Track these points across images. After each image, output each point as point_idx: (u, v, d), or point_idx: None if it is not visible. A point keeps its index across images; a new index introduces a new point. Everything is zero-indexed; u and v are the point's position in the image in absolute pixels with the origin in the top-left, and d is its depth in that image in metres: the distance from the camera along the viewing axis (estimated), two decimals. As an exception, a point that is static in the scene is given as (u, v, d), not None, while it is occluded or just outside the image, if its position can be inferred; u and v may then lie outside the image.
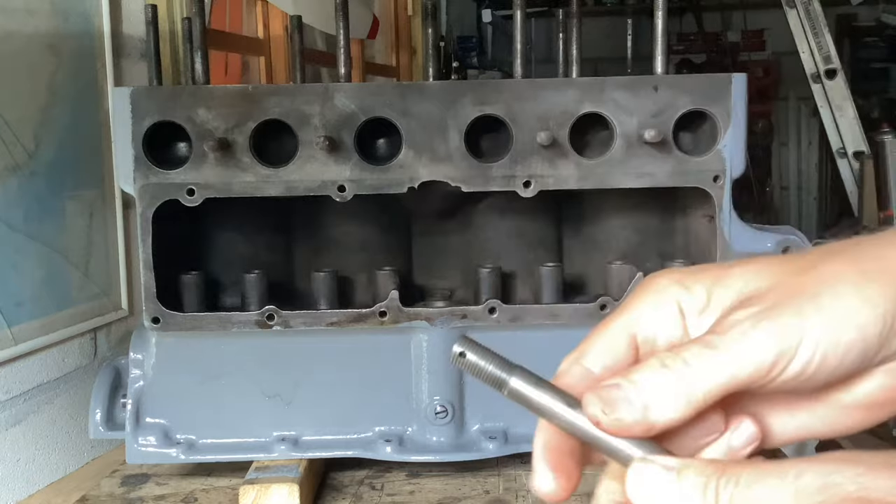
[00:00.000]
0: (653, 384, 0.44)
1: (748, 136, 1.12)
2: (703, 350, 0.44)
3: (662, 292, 0.48)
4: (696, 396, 0.43)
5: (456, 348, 0.47)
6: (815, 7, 3.15)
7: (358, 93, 1.10)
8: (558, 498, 0.47)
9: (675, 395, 0.44)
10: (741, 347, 0.43)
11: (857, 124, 3.24)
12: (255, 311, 1.14)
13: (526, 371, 0.46)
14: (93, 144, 1.42)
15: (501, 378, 0.46)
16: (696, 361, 0.44)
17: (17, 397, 1.23)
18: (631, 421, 0.44)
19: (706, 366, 0.44)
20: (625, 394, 0.44)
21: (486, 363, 0.46)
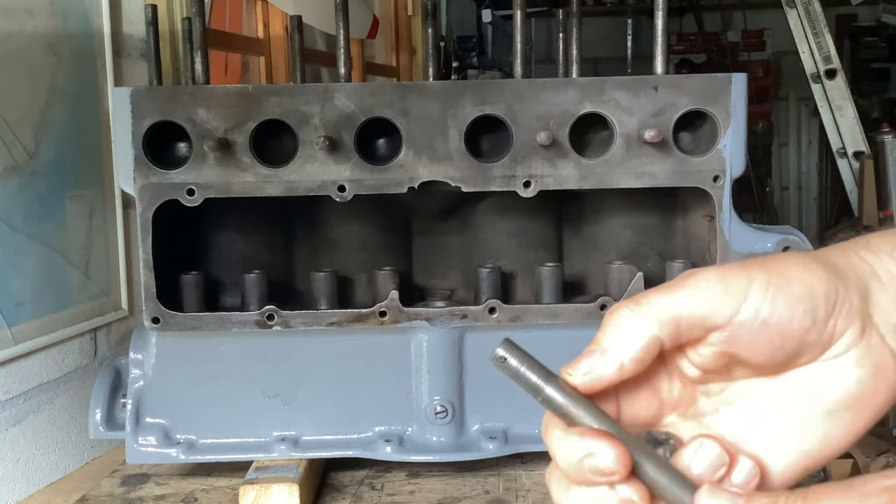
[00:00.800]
0: (606, 328, 0.49)
1: (748, 136, 1.12)
2: (654, 289, 0.49)
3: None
4: (648, 324, 0.48)
5: (499, 352, 0.49)
6: (815, 7, 3.15)
7: (358, 93, 1.10)
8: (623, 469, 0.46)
9: (629, 328, 0.48)
10: (691, 282, 0.48)
11: (857, 124, 3.24)
12: (255, 311, 1.14)
13: (562, 382, 0.49)
14: (93, 144, 1.42)
15: (538, 385, 0.48)
16: (645, 297, 0.49)
17: (17, 397, 1.23)
18: (596, 369, 0.48)
19: (656, 298, 0.48)
20: (589, 353, 0.49)
21: (526, 369, 0.49)
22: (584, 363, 0.49)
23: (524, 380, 0.49)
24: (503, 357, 0.49)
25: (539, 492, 1.13)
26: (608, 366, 0.48)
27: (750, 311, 0.47)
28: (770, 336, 0.48)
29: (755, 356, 0.48)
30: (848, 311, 0.48)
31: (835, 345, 0.49)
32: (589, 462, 0.46)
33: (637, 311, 0.48)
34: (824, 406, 0.49)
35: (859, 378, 0.48)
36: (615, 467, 0.46)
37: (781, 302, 0.47)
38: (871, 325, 0.49)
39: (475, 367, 1.17)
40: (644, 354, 0.48)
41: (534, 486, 1.14)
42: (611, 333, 0.49)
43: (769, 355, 0.48)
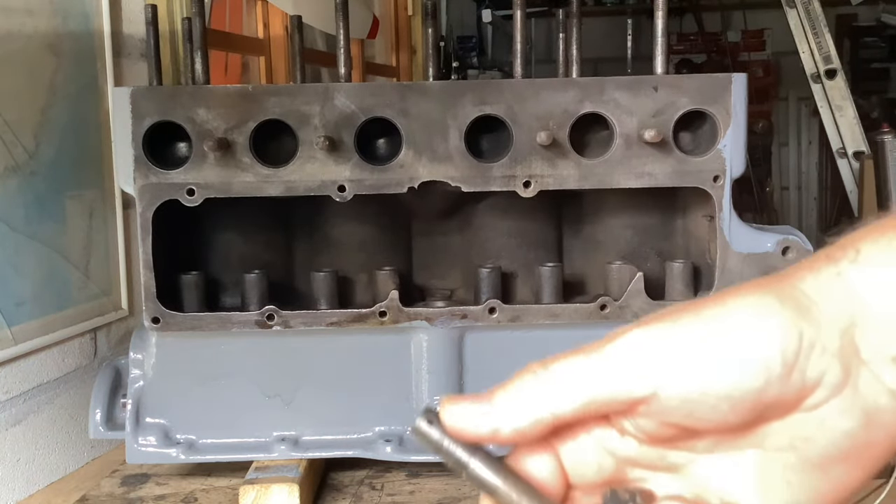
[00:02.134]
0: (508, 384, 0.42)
1: (748, 136, 1.12)
2: (576, 356, 0.42)
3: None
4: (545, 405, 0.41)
5: (420, 423, 0.44)
6: (815, 7, 3.15)
7: (358, 93, 1.10)
8: None
9: (525, 399, 0.41)
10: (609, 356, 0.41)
11: (857, 124, 3.24)
12: (255, 311, 1.14)
13: (490, 456, 0.44)
14: (93, 144, 1.42)
15: (461, 460, 0.44)
16: (560, 368, 0.41)
17: (17, 397, 1.23)
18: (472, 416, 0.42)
19: (567, 375, 0.41)
20: (479, 395, 0.43)
21: (449, 442, 0.44)
22: (465, 406, 0.42)
23: (447, 453, 0.44)
24: (424, 428, 0.44)
25: (539, 492, 1.13)
26: (482, 425, 0.42)
27: (675, 385, 0.40)
28: (710, 405, 0.40)
29: (701, 423, 0.41)
30: (821, 357, 0.40)
31: (810, 397, 0.40)
32: None
33: (542, 380, 0.41)
34: (810, 460, 0.42)
35: (847, 430, 0.40)
36: None
37: (716, 366, 0.40)
38: (857, 364, 0.40)
39: (475, 367, 1.17)
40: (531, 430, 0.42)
41: (534, 486, 1.14)
42: (508, 391, 0.42)
43: (719, 421, 0.41)
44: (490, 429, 0.42)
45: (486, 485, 0.44)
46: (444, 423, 0.43)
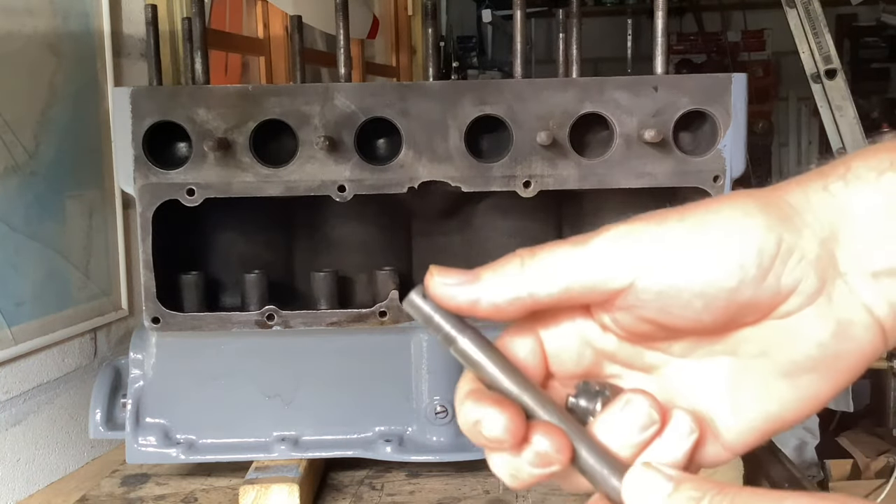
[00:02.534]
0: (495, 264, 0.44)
1: (748, 136, 1.12)
2: (556, 242, 0.44)
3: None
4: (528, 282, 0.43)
5: (412, 296, 0.46)
6: (815, 7, 3.15)
7: (358, 93, 1.10)
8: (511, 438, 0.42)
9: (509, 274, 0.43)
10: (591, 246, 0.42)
11: (857, 124, 3.24)
12: (255, 311, 1.14)
13: (477, 334, 0.45)
14: (93, 144, 1.42)
15: (451, 335, 0.45)
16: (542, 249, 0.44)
17: (17, 397, 1.23)
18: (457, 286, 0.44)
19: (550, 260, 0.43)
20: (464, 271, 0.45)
21: (440, 317, 0.45)
22: (454, 277, 0.44)
23: (437, 328, 0.45)
24: (416, 301, 0.45)
25: (539, 492, 1.13)
26: (466, 294, 0.43)
27: (651, 276, 0.41)
28: (684, 300, 0.41)
29: (676, 320, 0.42)
30: (798, 264, 0.40)
31: (784, 304, 0.41)
32: (480, 429, 0.43)
33: (526, 263, 0.43)
34: (780, 367, 0.43)
35: (818, 341, 0.41)
36: (503, 436, 0.42)
37: (694, 263, 0.41)
38: (834, 276, 0.41)
39: (475, 367, 1.17)
40: (508, 308, 0.43)
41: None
42: (495, 269, 0.44)
43: (693, 319, 0.42)
44: (469, 300, 0.43)
45: (471, 360, 0.45)
46: (433, 295, 0.44)
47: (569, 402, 0.45)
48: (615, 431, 0.43)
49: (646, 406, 0.43)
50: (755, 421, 0.44)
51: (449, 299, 0.44)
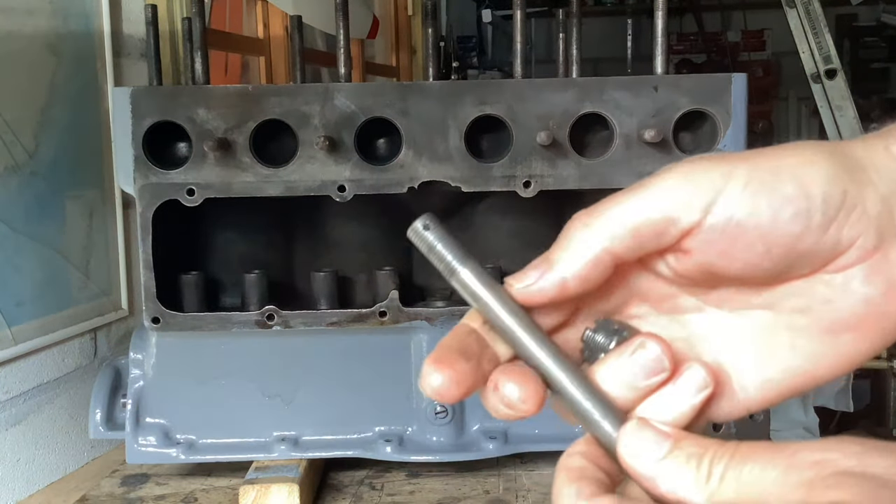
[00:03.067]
0: (559, 240, 0.44)
1: (748, 136, 1.12)
2: (616, 194, 0.43)
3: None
4: (601, 237, 0.42)
5: (417, 224, 0.45)
6: (815, 7, 3.15)
7: (358, 93, 1.10)
8: (445, 391, 0.43)
9: (580, 240, 0.43)
10: (653, 184, 0.42)
11: (857, 124, 3.24)
12: (255, 311, 1.14)
13: (479, 267, 0.44)
14: (93, 144, 1.42)
15: (453, 266, 0.44)
16: (603, 205, 0.43)
17: (17, 397, 1.23)
18: (539, 281, 0.43)
19: (613, 206, 0.42)
20: (535, 263, 0.44)
21: (444, 246, 0.44)
22: (530, 274, 0.43)
23: (440, 257, 0.44)
24: (421, 229, 0.44)
25: (539, 492, 1.13)
26: (548, 281, 0.43)
27: (721, 212, 0.40)
28: (748, 242, 0.40)
29: (734, 264, 0.42)
30: (859, 218, 0.40)
31: (840, 256, 0.41)
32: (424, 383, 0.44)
33: (589, 221, 0.43)
34: (822, 323, 0.42)
35: (867, 296, 0.41)
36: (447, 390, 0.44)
37: (763, 202, 0.40)
38: (893, 234, 0.41)
39: (475, 367, 1.17)
40: (591, 272, 0.42)
41: (534, 486, 1.14)
42: (560, 244, 0.44)
43: (752, 264, 0.41)
44: (556, 287, 0.43)
45: (471, 292, 0.44)
46: (439, 229, 0.44)
47: (585, 334, 0.44)
48: (622, 373, 0.42)
49: (658, 351, 0.42)
50: (781, 377, 0.44)
51: (540, 297, 0.43)
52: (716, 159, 0.42)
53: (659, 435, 0.40)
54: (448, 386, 0.43)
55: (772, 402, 0.44)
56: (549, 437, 1.14)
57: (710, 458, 0.39)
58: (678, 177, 0.41)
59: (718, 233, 0.41)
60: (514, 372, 0.43)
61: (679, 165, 0.42)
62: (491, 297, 0.43)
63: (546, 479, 1.16)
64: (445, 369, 0.43)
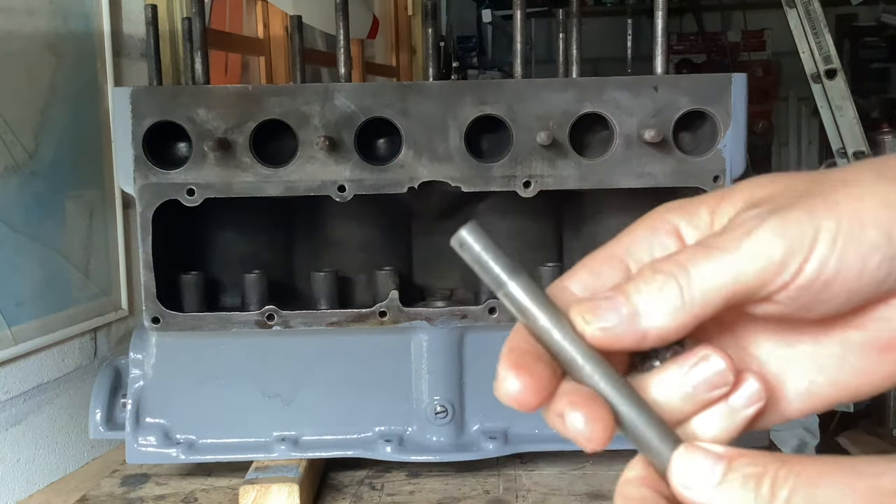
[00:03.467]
0: (643, 288, 0.39)
1: (748, 136, 1.12)
2: (703, 250, 0.39)
3: (659, 218, 0.43)
4: (693, 298, 0.38)
5: (462, 233, 0.42)
6: (815, 7, 3.15)
7: (358, 93, 1.10)
8: (524, 400, 0.39)
9: (669, 297, 0.39)
10: (746, 244, 0.38)
11: (857, 124, 3.24)
12: (255, 311, 1.14)
13: (530, 279, 0.41)
14: (93, 144, 1.42)
15: (501, 278, 0.41)
16: (692, 262, 0.39)
17: (17, 397, 1.24)
18: (620, 329, 0.39)
19: (704, 265, 0.39)
20: (612, 302, 0.39)
21: (490, 256, 0.42)
22: (607, 315, 0.39)
23: (486, 269, 0.42)
24: (467, 239, 0.42)
25: (539, 492, 1.13)
26: (630, 333, 0.39)
27: (812, 270, 0.38)
28: (833, 293, 0.39)
29: (812, 313, 0.40)
30: None
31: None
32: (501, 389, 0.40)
33: (684, 284, 0.39)
34: (878, 342, 0.41)
35: None
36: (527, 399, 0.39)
37: (851, 255, 0.38)
38: None
39: (475, 367, 1.17)
40: (675, 333, 0.40)
41: (534, 486, 1.14)
42: (649, 297, 0.39)
43: (830, 310, 0.40)
44: (635, 338, 0.39)
45: (520, 307, 0.41)
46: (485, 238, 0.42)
47: None
48: (682, 384, 0.40)
49: (722, 365, 0.40)
50: (826, 391, 0.42)
51: (610, 344, 0.40)
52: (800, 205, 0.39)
53: (710, 458, 0.38)
54: (528, 394, 0.39)
55: (811, 412, 0.43)
56: (550, 437, 1.14)
57: (771, 479, 0.36)
58: (770, 234, 0.38)
59: (805, 289, 0.39)
60: (582, 401, 0.39)
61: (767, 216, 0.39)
62: (542, 314, 0.40)
63: (546, 479, 1.16)
64: (524, 375, 0.39)
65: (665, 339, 0.40)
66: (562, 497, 1.11)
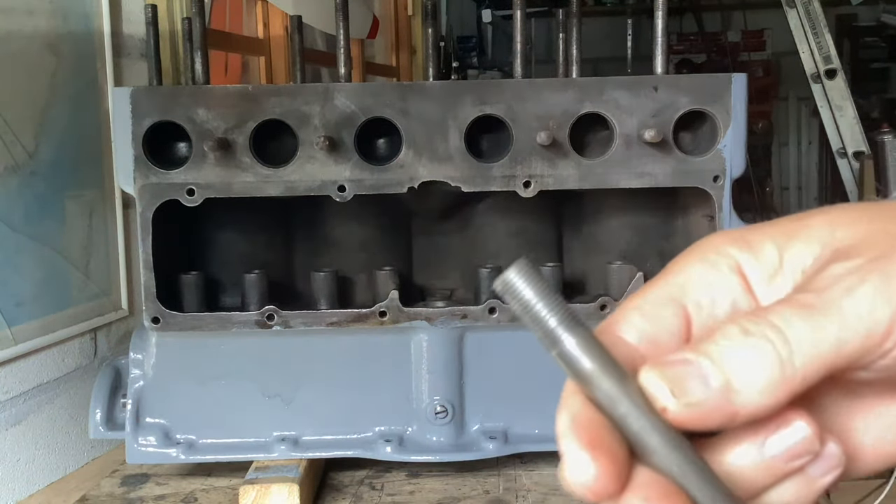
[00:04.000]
0: (736, 357, 0.33)
1: (748, 136, 1.12)
2: (799, 312, 0.33)
3: (715, 251, 0.37)
4: (794, 373, 0.32)
5: (510, 276, 0.35)
6: (815, 7, 3.15)
7: (358, 93, 1.10)
8: (602, 488, 0.32)
9: (767, 371, 0.32)
10: (848, 308, 0.33)
11: (857, 124, 3.24)
12: (255, 311, 1.14)
13: (591, 335, 0.34)
14: (93, 144, 1.42)
15: (556, 334, 0.34)
16: (789, 327, 0.33)
17: (17, 397, 1.23)
18: (709, 405, 0.32)
19: (804, 332, 0.33)
20: (698, 369, 0.33)
21: (543, 306, 0.34)
22: (695, 388, 0.33)
23: (538, 321, 0.34)
24: (515, 283, 0.34)
25: (539, 492, 1.13)
26: (719, 411, 0.33)
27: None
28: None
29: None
30: None
31: None
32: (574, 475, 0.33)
33: (784, 354, 0.33)
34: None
35: None
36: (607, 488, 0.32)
37: None
38: None
39: (475, 367, 1.17)
40: (768, 414, 0.34)
41: (534, 486, 1.14)
42: (742, 366, 0.33)
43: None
44: (724, 419, 0.33)
45: (578, 371, 0.34)
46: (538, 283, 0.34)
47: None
48: (761, 454, 0.35)
49: (808, 432, 0.34)
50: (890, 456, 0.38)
51: (697, 421, 0.33)
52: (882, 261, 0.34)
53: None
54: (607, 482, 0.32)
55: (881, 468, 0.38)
56: (550, 438, 1.14)
57: None
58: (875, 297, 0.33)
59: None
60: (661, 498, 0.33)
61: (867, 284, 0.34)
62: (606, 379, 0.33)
63: (546, 479, 1.16)
64: (603, 458, 0.32)
65: (755, 420, 0.33)
66: (562, 497, 1.11)
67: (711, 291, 0.37)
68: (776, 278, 0.36)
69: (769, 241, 0.37)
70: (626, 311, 0.37)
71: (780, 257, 0.36)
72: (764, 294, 0.36)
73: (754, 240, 0.37)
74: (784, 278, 0.36)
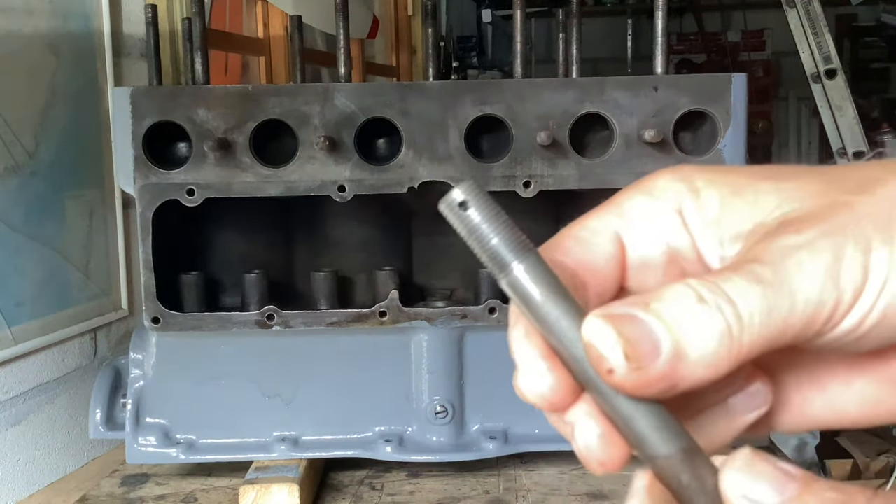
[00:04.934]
0: (687, 325, 0.32)
1: (748, 136, 1.12)
2: (754, 288, 0.32)
3: (662, 189, 0.38)
4: (740, 349, 0.32)
5: (456, 195, 0.33)
6: (815, 7, 3.15)
7: (358, 93, 1.10)
8: (559, 399, 0.33)
9: (716, 344, 0.31)
10: (798, 288, 0.32)
11: (857, 124, 3.24)
12: (255, 311, 1.14)
13: (541, 261, 0.33)
14: (93, 144, 1.42)
15: (505, 260, 0.33)
16: (744, 301, 0.32)
17: (17, 397, 1.23)
18: (656, 374, 0.31)
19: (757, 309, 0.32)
20: (648, 331, 0.32)
21: (491, 229, 0.33)
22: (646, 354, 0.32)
23: (484, 246, 0.33)
24: (462, 202, 0.33)
25: (539, 492, 1.13)
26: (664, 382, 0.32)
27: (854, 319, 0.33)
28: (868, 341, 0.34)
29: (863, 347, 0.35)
30: None
31: None
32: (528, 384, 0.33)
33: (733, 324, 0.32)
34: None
35: None
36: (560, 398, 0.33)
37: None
38: None
39: (475, 367, 1.17)
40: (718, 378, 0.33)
41: (534, 486, 1.14)
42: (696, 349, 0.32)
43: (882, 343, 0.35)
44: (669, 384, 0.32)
45: (527, 299, 0.32)
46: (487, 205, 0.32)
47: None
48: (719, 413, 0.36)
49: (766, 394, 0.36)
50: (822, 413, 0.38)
51: (642, 391, 0.32)
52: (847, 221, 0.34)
53: (779, 475, 0.31)
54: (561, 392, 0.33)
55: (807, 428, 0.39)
56: (550, 437, 1.14)
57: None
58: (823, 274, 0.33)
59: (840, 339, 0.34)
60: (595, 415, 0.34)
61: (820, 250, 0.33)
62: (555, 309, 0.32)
63: (546, 479, 1.16)
64: (558, 369, 0.33)
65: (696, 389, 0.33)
66: (562, 497, 1.11)
67: (651, 227, 0.37)
68: (714, 228, 0.36)
69: (715, 191, 0.36)
70: (564, 237, 0.38)
71: (721, 209, 0.36)
72: (702, 238, 0.36)
73: (701, 186, 0.36)
74: (721, 230, 0.36)
